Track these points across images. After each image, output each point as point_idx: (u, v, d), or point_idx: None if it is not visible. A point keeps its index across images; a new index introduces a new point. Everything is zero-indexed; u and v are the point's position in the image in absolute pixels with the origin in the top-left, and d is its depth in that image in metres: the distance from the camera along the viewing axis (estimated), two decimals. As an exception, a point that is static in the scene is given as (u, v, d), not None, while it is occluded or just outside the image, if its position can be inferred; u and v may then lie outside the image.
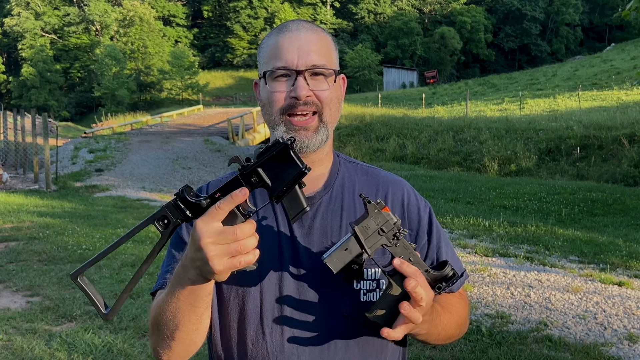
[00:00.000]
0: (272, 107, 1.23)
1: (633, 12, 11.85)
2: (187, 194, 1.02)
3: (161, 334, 1.15)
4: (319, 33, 1.26)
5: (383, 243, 1.10)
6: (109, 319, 1.09)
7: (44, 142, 14.46)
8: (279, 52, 1.22)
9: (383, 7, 78.84)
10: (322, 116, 1.22)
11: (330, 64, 1.24)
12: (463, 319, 1.35)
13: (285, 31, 1.24)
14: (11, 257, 7.16)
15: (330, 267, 1.09)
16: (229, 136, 25.62)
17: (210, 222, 0.98)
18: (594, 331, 4.82)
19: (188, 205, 1.02)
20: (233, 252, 0.98)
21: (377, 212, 1.10)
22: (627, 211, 10.70)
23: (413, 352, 4.28)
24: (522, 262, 6.96)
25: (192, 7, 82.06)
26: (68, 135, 35.09)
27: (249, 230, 0.99)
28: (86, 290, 1.07)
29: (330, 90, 1.23)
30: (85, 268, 1.07)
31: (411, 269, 1.08)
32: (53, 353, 4.30)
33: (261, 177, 1.00)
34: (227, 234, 0.98)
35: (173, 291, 1.09)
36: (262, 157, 1.00)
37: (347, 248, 1.10)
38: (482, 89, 42.88)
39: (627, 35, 68.78)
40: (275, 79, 1.22)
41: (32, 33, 69.08)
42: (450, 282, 1.13)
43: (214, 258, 0.98)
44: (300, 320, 1.21)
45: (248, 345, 1.22)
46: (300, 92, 1.19)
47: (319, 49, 1.23)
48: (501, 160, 17.76)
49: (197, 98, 57.00)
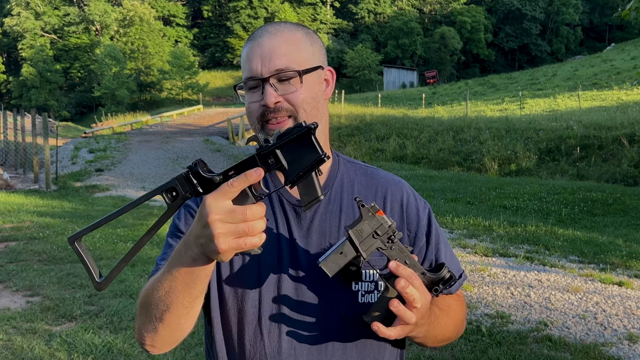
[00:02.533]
0: (251, 117, 1.25)
1: (633, 12, 11.84)
2: (201, 168, 1.00)
3: (149, 314, 1.12)
4: (284, 34, 1.23)
5: (378, 246, 1.11)
6: (102, 289, 1.05)
7: (44, 142, 14.46)
8: (246, 63, 1.23)
9: (383, 7, 78.81)
10: (297, 119, 1.21)
11: (297, 64, 1.21)
12: (460, 321, 1.35)
13: (251, 40, 1.25)
14: (11, 257, 7.16)
15: (326, 271, 1.09)
16: (229, 136, 25.62)
17: (221, 199, 0.95)
18: (594, 331, 4.82)
19: (200, 180, 1.00)
20: (240, 233, 0.95)
21: (371, 216, 1.10)
22: (627, 211, 10.71)
23: (413, 352, 4.28)
24: (522, 262, 6.96)
25: (192, 7, 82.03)
26: (68, 135, 35.08)
27: (259, 213, 0.96)
28: (82, 255, 1.03)
29: (301, 91, 1.21)
30: (84, 232, 1.03)
31: (407, 271, 1.08)
32: (53, 353, 4.30)
33: (278, 159, 0.98)
34: (236, 213, 0.95)
35: (170, 269, 1.05)
36: (282, 138, 0.98)
37: (342, 252, 1.10)
38: (482, 89, 42.87)
39: (627, 35, 68.82)
40: (249, 90, 1.24)
41: (32, 33, 69.08)
42: (447, 284, 1.13)
43: (219, 236, 0.95)
44: (298, 321, 1.21)
45: (246, 345, 1.22)
46: (267, 100, 1.19)
47: (284, 51, 1.21)
48: (501, 160, 17.76)
49: (197, 98, 56.95)
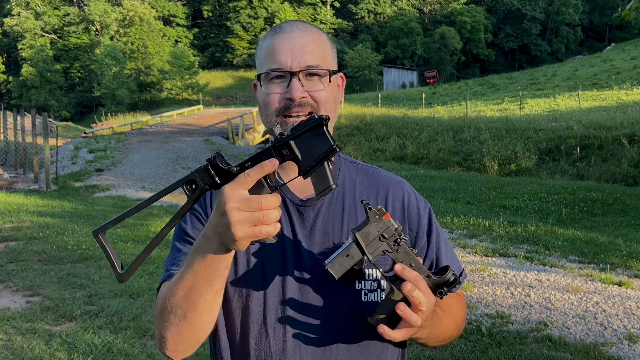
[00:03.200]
0: (268, 109, 1.24)
1: (633, 12, 11.84)
2: (219, 160, 1.04)
3: (170, 317, 1.14)
4: (313, 33, 1.26)
5: (384, 249, 1.12)
6: (124, 281, 1.10)
7: (44, 142, 14.47)
8: (273, 54, 1.23)
9: (383, 7, 78.82)
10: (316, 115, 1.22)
11: (325, 64, 1.24)
12: (461, 320, 1.36)
13: (280, 33, 1.25)
14: (11, 257, 7.16)
15: (332, 273, 1.11)
16: (229, 136, 25.62)
17: (238, 189, 0.99)
18: (594, 331, 4.82)
19: (218, 171, 1.04)
20: (256, 221, 0.98)
21: (378, 219, 1.12)
22: (627, 211, 10.71)
23: (413, 352, 4.29)
24: (522, 262, 6.96)
25: (192, 7, 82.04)
26: (68, 135, 35.08)
27: (274, 202, 0.99)
28: (106, 247, 1.08)
29: (326, 91, 1.24)
30: (108, 226, 1.09)
31: (412, 274, 1.09)
32: (53, 353, 4.30)
33: (292, 150, 1.02)
34: (252, 201, 0.98)
35: (190, 264, 1.09)
36: (295, 130, 1.02)
37: (349, 254, 1.12)
38: (482, 89, 42.87)
39: (627, 35, 68.84)
40: (270, 80, 1.23)
41: (32, 33, 69.09)
42: (452, 286, 1.14)
43: (236, 224, 0.98)
44: (302, 320, 1.22)
45: (251, 344, 1.23)
46: (294, 94, 1.20)
47: (313, 49, 1.23)
48: (501, 160, 17.76)
49: (197, 98, 56.97)
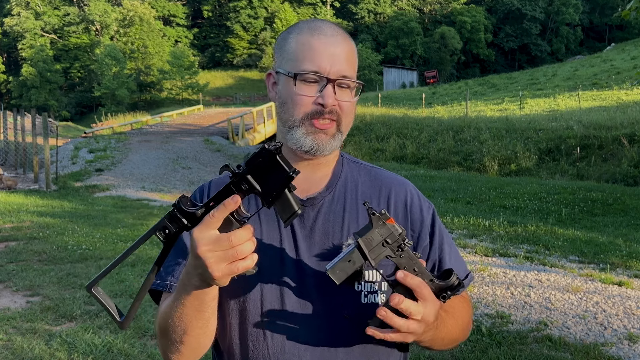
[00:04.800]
0: (295, 109, 1.23)
1: (633, 12, 11.84)
2: (183, 204, 1.05)
3: (169, 338, 1.19)
4: (350, 43, 1.27)
5: (387, 254, 1.10)
6: (125, 328, 1.13)
7: (44, 142, 14.47)
8: (313, 55, 1.21)
9: (383, 7, 78.84)
10: (340, 125, 1.24)
11: (355, 76, 1.26)
12: (467, 323, 1.34)
13: (321, 34, 1.23)
14: (11, 257, 7.16)
15: (334, 279, 1.09)
16: (229, 136, 25.61)
17: (205, 230, 1.01)
18: (594, 331, 4.82)
19: (185, 215, 1.05)
20: (230, 258, 1.00)
21: (382, 224, 1.09)
22: (627, 211, 10.71)
23: (413, 352, 4.28)
24: (522, 262, 6.96)
25: (192, 7, 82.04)
26: (68, 135, 35.08)
27: (244, 236, 1.01)
28: (101, 301, 1.11)
29: (352, 103, 1.25)
30: (98, 279, 1.12)
31: (415, 280, 1.07)
32: (53, 353, 4.30)
33: (251, 185, 1.02)
34: (222, 240, 1.00)
35: (179, 297, 1.12)
36: (250, 164, 1.02)
37: (351, 260, 1.10)
38: (482, 89, 42.87)
39: (627, 35, 68.84)
40: (303, 81, 1.22)
41: (32, 33, 69.10)
42: (456, 290, 1.12)
43: (212, 264, 1.00)
44: (301, 322, 1.21)
45: (249, 346, 1.22)
46: (327, 101, 1.20)
47: (349, 59, 1.24)
48: (501, 160, 17.76)
49: (197, 98, 56.97)
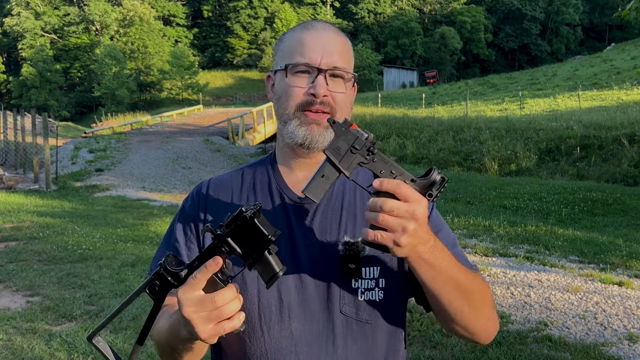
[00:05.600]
0: (288, 101, 1.24)
1: (633, 12, 11.83)
2: (169, 264, 1.06)
3: (166, 353, 1.22)
4: (342, 38, 1.30)
5: (359, 161, 1.06)
6: None
7: (44, 142, 14.47)
8: (303, 48, 1.24)
9: (383, 7, 78.83)
10: (334, 117, 1.23)
11: (349, 69, 1.28)
12: (489, 301, 1.25)
13: (312, 29, 1.27)
14: (11, 257, 7.16)
15: (311, 197, 1.07)
16: (229, 136, 25.61)
17: (190, 292, 1.01)
18: (594, 331, 4.82)
19: (170, 274, 1.06)
20: (215, 319, 1.01)
21: (345, 130, 1.06)
22: (627, 211, 10.71)
23: (413, 352, 4.28)
24: (522, 262, 6.96)
25: (192, 7, 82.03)
26: (68, 135, 35.08)
27: (228, 296, 1.01)
28: (102, 351, 1.13)
29: (346, 94, 1.26)
30: (99, 330, 1.13)
31: (392, 184, 1.02)
32: (53, 353, 4.30)
33: (232, 247, 1.03)
34: (206, 302, 1.00)
35: (171, 332, 1.14)
36: (229, 227, 1.02)
37: (324, 175, 1.07)
38: (482, 89, 42.86)
39: (627, 35, 68.83)
40: (295, 73, 1.24)
41: (32, 33, 69.09)
42: (441, 186, 1.05)
43: (198, 325, 1.01)
44: (298, 318, 1.21)
45: (246, 342, 1.23)
46: (318, 90, 1.21)
47: (341, 52, 1.26)
48: (501, 160, 17.76)
49: (197, 98, 56.96)
